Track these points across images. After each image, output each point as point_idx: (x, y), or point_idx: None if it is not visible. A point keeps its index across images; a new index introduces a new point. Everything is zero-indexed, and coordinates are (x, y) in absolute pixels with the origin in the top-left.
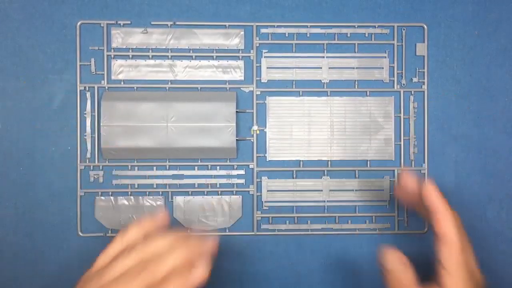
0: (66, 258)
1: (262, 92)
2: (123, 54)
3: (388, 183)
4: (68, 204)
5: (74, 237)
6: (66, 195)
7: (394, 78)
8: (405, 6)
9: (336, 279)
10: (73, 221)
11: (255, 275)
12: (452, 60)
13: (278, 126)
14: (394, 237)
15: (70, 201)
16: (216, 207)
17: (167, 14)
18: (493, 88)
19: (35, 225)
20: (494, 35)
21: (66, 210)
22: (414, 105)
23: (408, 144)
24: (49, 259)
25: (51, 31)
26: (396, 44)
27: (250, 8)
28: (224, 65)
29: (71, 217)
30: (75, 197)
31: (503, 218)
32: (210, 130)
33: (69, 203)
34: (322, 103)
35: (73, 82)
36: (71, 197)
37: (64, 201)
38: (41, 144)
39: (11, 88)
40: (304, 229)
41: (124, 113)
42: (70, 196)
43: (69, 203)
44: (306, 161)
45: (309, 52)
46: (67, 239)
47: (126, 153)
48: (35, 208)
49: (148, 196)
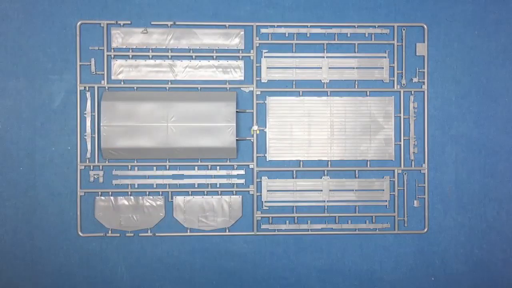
0: (66, 258)
1: (262, 92)
2: (123, 54)
3: (388, 183)
4: (68, 204)
5: (74, 237)
6: (66, 195)
7: (394, 78)
8: (405, 6)
9: (336, 279)
10: (73, 221)
11: (255, 275)
12: (452, 60)
13: (278, 126)
14: (394, 237)
15: (70, 201)
16: (216, 207)
17: (167, 14)
18: (493, 88)
19: (35, 225)
20: (494, 35)
21: (66, 210)
22: (414, 105)
23: (408, 144)
24: (49, 259)
25: (51, 31)
26: (396, 44)
27: (250, 8)
28: (224, 65)
29: (71, 217)
30: (75, 197)
31: (503, 218)
32: (210, 130)
33: (69, 203)
34: (322, 103)
35: (73, 82)
36: (71, 197)
37: (64, 201)
38: (41, 144)
39: (11, 88)
40: (304, 229)
41: (124, 113)
42: (70, 196)
43: (69, 203)
44: (306, 161)
45: (309, 52)
46: (67, 239)
47: (126, 153)
48: (35, 208)
49: (148, 196)
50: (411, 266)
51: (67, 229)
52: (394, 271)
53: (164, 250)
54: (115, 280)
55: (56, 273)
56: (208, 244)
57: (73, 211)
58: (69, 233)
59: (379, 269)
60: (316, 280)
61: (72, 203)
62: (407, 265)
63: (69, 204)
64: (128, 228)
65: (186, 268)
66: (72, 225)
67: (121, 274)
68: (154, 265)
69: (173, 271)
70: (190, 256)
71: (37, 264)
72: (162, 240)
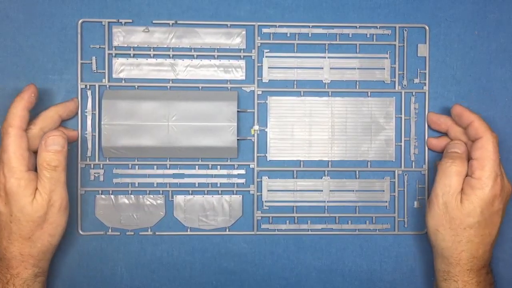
0: (66, 257)
1: (263, 92)
2: (125, 52)
3: (388, 184)
4: (68, 202)
5: (74, 235)
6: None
7: (396, 79)
8: (405, 6)
9: (336, 279)
10: (73, 219)
11: (255, 275)
12: (452, 60)
13: (279, 126)
14: (394, 238)
15: (70, 199)
16: (217, 206)
17: (168, 13)
18: (493, 88)
19: None
20: (494, 35)
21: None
22: (415, 106)
23: (408, 145)
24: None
25: (51, 29)
26: (397, 45)
27: (250, 7)
28: (225, 64)
29: (72, 216)
30: (75, 196)
31: (503, 218)
32: (211, 130)
33: (70, 202)
34: (323, 104)
35: (73, 82)
36: (71, 196)
37: None
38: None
39: (11, 88)
40: (304, 229)
41: (125, 112)
42: (70, 194)
43: (70, 202)
44: (306, 161)
45: (311, 52)
46: (67, 238)
47: (127, 151)
48: None
49: (148, 195)
50: (411, 267)
51: (67, 227)
52: (394, 271)
53: (164, 249)
54: (115, 278)
55: (56, 272)
56: (208, 243)
57: (74, 210)
58: (69, 232)
59: (379, 269)
60: (316, 280)
61: (73, 202)
62: (407, 265)
63: (70, 202)
64: (128, 227)
65: (186, 267)
66: (72, 223)
67: (121, 272)
68: (154, 264)
69: (173, 271)
70: (190, 256)
71: None
72: (162, 239)
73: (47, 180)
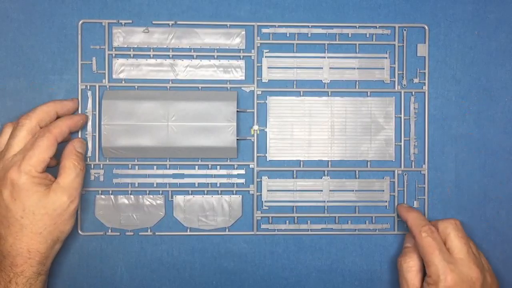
0: (66, 257)
1: (263, 92)
2: (125, 53)
3: (388, 184)
4: None
5: (74, 235)
6: None
7: (395, 79)
8: (405, 6)
9: (336, 279)
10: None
11: (255, 275)
12: (452, 60)
13: (278, 126)
14: (394, 238)
15: None
16: (216, 206)
17: (168, 13)
18: (493, 88)
19: None
20: (494, 35)
21: None
22: (414, 106)
23: (408, 145)
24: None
25: (51, 30)
26: (397, 45)
27: (250, 8)
28: (225, 64)
29: None
30: None
31: (503, 218)
32: (211, 130)
33: None
34: (322, 103)
35: (73, 82)
36: None
37: None
38: None
39: (11, 88)
40: (304, 229)
41: (125, 112)
42: None
43: None
44: (306, 161)
45: (310, 52)
46: (67, 238)
47: (127, 152)
48: None
49: (148, 195)
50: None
51: None
52: (394, 271)
53: (164, 249)
54: (115, 278)
55: (56, 272)
56: (208, 243)
57: None
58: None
59: (379, 269)
60: (316, 280)
61: None
62: None
63: None
64: (128, 227)
65: (186, 267)
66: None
67: (121, 272)
68: (154, 264)
69: (173, 271)
70: (190, 256)
71: None
72: (162, 239)
73: (75, 178)
